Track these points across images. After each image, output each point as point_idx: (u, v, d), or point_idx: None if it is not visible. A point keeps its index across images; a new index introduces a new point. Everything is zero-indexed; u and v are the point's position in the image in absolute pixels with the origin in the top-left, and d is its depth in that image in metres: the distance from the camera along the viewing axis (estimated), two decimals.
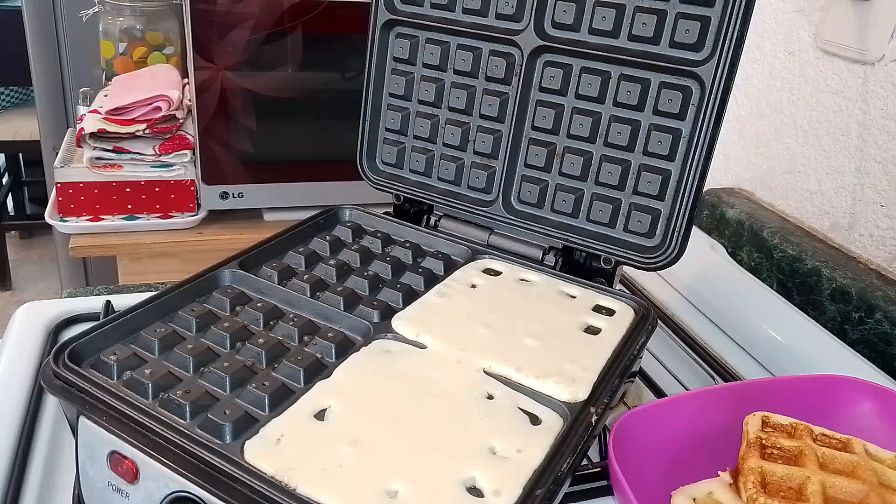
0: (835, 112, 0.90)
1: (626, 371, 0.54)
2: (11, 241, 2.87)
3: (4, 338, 0.70)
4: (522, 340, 0.56)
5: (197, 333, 0.56)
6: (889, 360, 0.76)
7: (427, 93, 0.72)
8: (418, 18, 0.71)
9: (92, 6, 1.54)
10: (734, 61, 0.58)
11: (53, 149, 1.50)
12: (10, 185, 2.84)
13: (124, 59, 1.53)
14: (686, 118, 0.61)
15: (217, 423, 0.46)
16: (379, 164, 0.76)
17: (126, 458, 0.45)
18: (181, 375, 0.51)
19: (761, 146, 1.03)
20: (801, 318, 0.79)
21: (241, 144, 1.28)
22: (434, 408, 0.49)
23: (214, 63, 1.22)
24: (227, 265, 0.63)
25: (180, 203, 1.30)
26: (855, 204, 0.88)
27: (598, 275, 0.66)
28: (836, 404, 0.59)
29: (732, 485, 0.52)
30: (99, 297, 0.78)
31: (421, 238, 0.71)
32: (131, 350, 0.52)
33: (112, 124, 1.24)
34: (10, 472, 0.55)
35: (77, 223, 1.26)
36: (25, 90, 2.58)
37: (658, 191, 0.63)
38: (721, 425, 0.56)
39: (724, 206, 1.01)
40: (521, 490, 0.43)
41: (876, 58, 0.84)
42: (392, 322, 0.57)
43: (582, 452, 0.47)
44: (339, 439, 0.45)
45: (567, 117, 0.66)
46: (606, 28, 0.62)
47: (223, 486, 0.42)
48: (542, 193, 0.68)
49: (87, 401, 0.47)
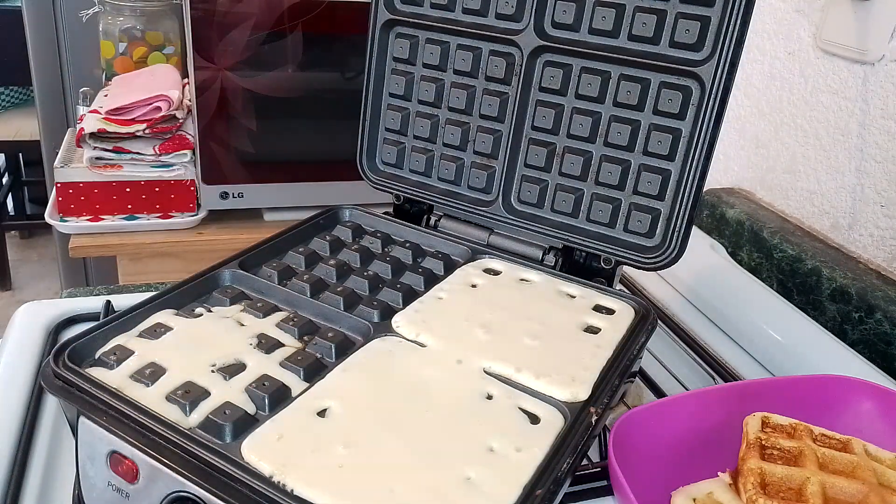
0: (835, 112, 0.90)
1: (626, 371, 0.54)
2: (11, 241, 2.87)
3: (4, 338, 0.70)
4: (522, 340, 0.56)
5: None
6: (889, 360, 0.76)
7: (427, 93, 0.72)
8: (418, 18, 0.71)
9: (92, 6, 1.54)
10: (734, 61, 0.58)
11: (53, 149, 1.49)
12: (10, 185, 2.84)
13: (124, 59, 1.53)
14: (686, 118, 0.61)
15: (217, 423, 0.46)
16: (379, 164, 0.76)
17: (126, 458, 0.45)
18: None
19: (761, 146, 1.03)
20: (801, 318, 0.79)
21: (241, 144, 1.28)
22: (434, 407, 0.49)
23: (214, 63, 1.22)
24: (227, 265, 0.63)
25: (180, 203, 1.30)
26: (855, 204, 0.88)
27: (598, 275, 0.66)
28: (836, 404, 0.59)
29: (732, 485, 0.52)
30: (99, 297, 0.78)
31: (421, 238, 0.71)
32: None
33: (112, 124, 1.24)
34: (10, 472, 0.55)
35: (77, 223, 1.26)
36: (25, 90, 2.58)
37: (658, 191, 0.63)
38: (721, 425, 0.56)
39: (724, 206, 1.01)
40: (520, 490, 0.43)
41: (876, 58, 0.84)
42: (392, 322, 0.57)
43: (582, 452, 0.47)
44: (339, 439, 0.45)
45: (567, 117, 0.66)
46: (606, 28, 0.62)
47: (223, 486, 0.42)
48: (542, 193, 0.68)
49: (87, 401, 0.47)
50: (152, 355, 0.52)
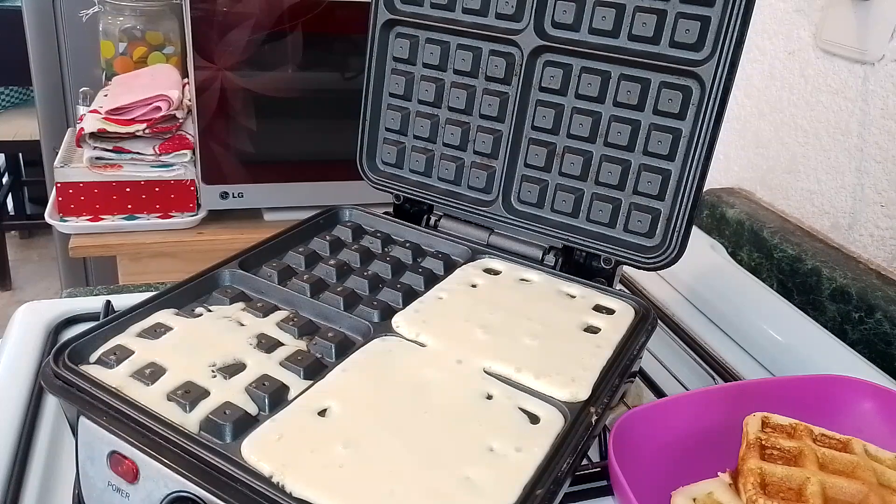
0: (835, 112, 0.90)
1: (626, 371, 0.54)
2: (11, 241, 2.87)
3: (4, 338, 0.70)
4: (522, 340, 0.56)
5: None
6: (889, 360, 0.76)
7: (427, 93, 0.72)
8: (418, 18, 0.71)
9: (92, 6, 1.54)
10: (734, 61, 0.58)
11: (53, 149, 1.50)
12: (10, 185, 2.85)
13: (124, 59, 1.53)
14: (686, 118, 0.61)
15: (217, 423, 0.46)
16: (379, 164, 0.76)
17: (126, 458, 0.45)
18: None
19: (761, 146, 1.03)
20: (801, 318, 0.79)
21: (241, 144, 1.29)
22: (434, 407, 0.49)
23: (214, 63, 1.22)
24: (227, 265, 0.63)
25: (180, 203, 1.30)
26: (855, 204, 0.88)
27: (598, 275, 0.66)
28: (836, 404, 0.59)
29: (732, 485, 0.52)
30: (99, 297, 0.78)
31: (421, 238, 0.71)
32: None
33: (112, 124, 1.24)
34: (10, 472, 0.55)
35: (77, 223, 1.26)
36: (25, 90, 2.58)
37: (658, 191, 0.63)
38: (721, 425, 0.56)
39: (724, 206, 1.01)
40: (520, 490, 0.43)
41: (876, 58, 0.84)
42: (392, 322, 0.57)
43: (582, 452, 0.47)
44: (339, 439, 0.45)
45: (567, 117, 0.66)
46: (606, 28, 0.62)
47: (223, 486, 0.42)
48: (542, 193, 0.68)
49: (87, 401, 0.47)
50: (152, 355, 0.51)
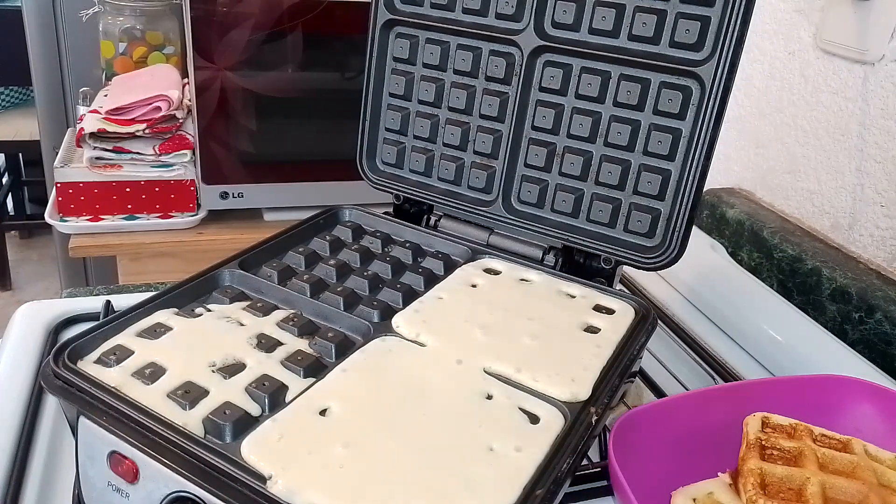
0: (835, 112, 0.90)
1: (626, 371, 0.54)
2: (11, 241, 2.87)
3: (4, 338, 0.70)
4: (522, 340, 0.56)
5: None
6: (889, 360, 0.76)
7: (427, 93, 0.72)
8: (418, 18, 0.71)
9: (92, 6, 1.54)
10: (734, 61, 0.58)
11: (53, 149, 1.50)
12: (10, 185, 2.84)
13: (124, 59, 1.53)
14: (686, 118, 0.61)
15: (217, 423, 0.46)
16: (379, 164, 0.76)
17: (126, 458, 0.45)
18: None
19: (761, 146, 1.03)
20: (801, 318, 0.79)
21: (241, 144, 1.29)
22: (434, 407, 0.49)
23: (214, 63, 1.22)
24: (227, 265, 0.63)
25: (180, 203, 1.30)
26: (855, 204, 0.88)
27: (598, 275, 0.66)
28: (836, 404, 0.59)
29: (732, 485, 0.52)
30: (99, 297, 0.78)
31: (421, 238, 0.71)
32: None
33: (112, 124, 1.24)
34: (10, 472, 0.55)
35: (77, 223, 1.26)
36: (25, 90, 2.58)
37: (658, 191, 0.63)
38: (721, 425, 0.56)
39: (724, 206, 1.01)
40: (520, 490, 0.43)
41: (876, 58, 0.84)
42: (392, 322, 0.57)
43: (582, 452, 0.47)
44: (339, 439, 0.45)
45: (567, 117, 0.66)
46: (606, 28, 0.62)
47: (223, 486, 0.42)
48: (542, 193, 0.68)
49: (87, 401, 0.47)
50: (152, 355, 0.51)
